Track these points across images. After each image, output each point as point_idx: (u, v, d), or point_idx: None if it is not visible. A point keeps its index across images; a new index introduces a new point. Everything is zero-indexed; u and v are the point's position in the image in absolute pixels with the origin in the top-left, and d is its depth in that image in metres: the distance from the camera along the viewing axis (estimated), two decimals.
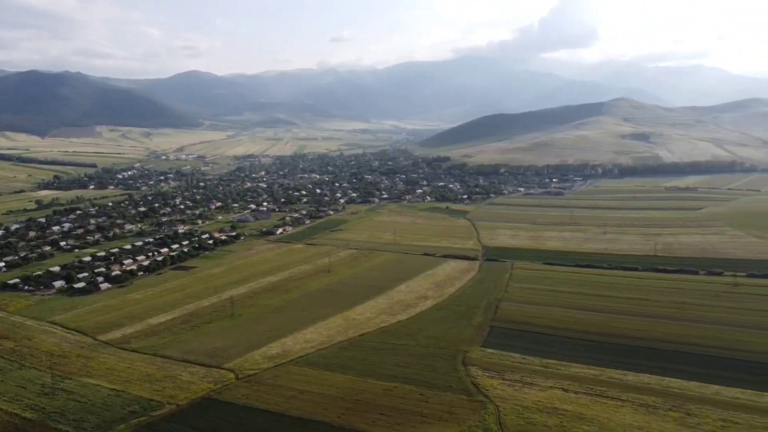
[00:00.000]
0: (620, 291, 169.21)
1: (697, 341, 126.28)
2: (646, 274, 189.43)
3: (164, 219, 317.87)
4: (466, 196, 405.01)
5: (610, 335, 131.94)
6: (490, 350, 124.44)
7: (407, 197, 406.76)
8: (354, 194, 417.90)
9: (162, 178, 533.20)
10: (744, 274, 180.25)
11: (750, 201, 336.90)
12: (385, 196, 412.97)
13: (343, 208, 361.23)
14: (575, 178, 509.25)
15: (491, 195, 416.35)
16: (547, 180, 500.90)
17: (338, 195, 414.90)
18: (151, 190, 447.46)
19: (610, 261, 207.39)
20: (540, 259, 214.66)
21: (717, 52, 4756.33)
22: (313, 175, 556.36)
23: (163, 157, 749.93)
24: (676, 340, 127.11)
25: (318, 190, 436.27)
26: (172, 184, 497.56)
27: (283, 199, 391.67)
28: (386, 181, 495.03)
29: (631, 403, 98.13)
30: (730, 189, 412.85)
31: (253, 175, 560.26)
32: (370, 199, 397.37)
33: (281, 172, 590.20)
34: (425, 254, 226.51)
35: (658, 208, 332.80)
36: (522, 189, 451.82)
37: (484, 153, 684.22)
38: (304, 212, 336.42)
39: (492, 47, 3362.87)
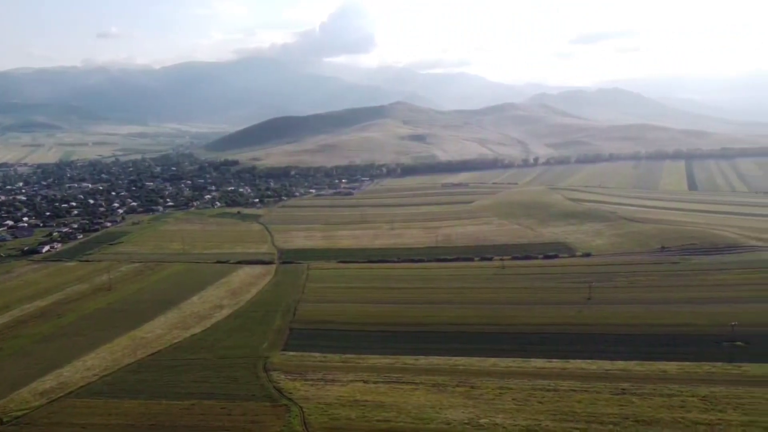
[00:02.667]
0: (409, 282, 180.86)
1: (475, 321, 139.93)
2: (430, 264, 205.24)
3: None
4: (257, 200, 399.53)
5: (403, 324, 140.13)
6: (291, 353, 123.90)
7: (195, 204, 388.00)
8: (134, 203, 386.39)
9: None
10: (509, 257, 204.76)
11: (510, 193, 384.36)
12: (170, 203, 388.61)
13: (123, 218, 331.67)
14: (363, 178, 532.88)
15: (283, 197, 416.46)
16: (337, 180, 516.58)
17: (116, 205, 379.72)
18: None
19: (399, 254, 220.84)
20: (334, 258, 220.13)
21: (477, 62, 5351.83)
22: (85, 184, 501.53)
23: None
24: (458, 322, 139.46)
25: (91, 201, 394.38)
26: None
27: (48, 213, 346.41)
28: (171, 188, 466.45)
29: (424, 384, 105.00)
30: (494, 183, 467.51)
31: (9, 187, 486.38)
32: (154, 207, 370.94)
33: (44, 183, 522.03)
34: (218, 262, 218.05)
35: (437, 203, 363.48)
36: (313, 190, 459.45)
37: (274, 155, 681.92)
38: (75, 226, 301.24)
39: (275, 50, 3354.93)
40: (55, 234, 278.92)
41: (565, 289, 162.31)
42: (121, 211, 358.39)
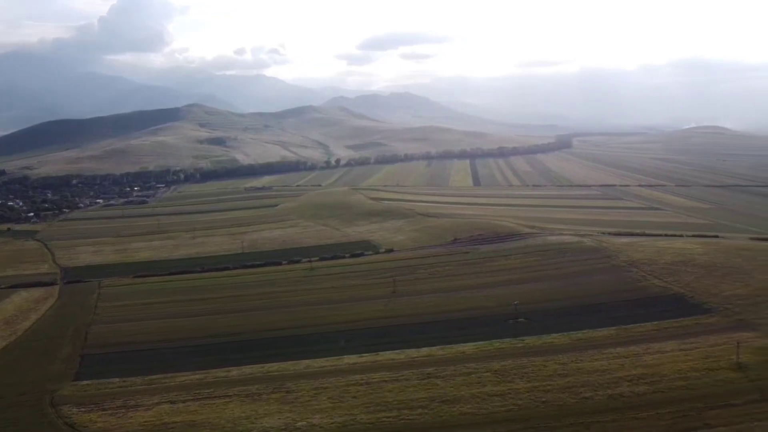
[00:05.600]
0: (216, 291, 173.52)
1: (287, 324, 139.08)
2: (238, 271, 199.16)
3: None
4: (32, 214, 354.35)
5: (212, 336, 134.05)
6: (84, 382, 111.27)
7: None
8: None
9: None
10: (317, 258, 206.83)
11: (315, 195, 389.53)
12: None
13: None
14: (158, 185, 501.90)
15: (65, 210, 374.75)
16: (128, 189, 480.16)
17: None
18: None
19: (203, 264, 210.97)
20: (130, 272, 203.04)
21: (274, 64, 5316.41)
22: None
23: None
24: (270, 328, 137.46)
25: None
26: None
27: None
28: None
29: (238, 396, 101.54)
30: (298, 186, 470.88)
31: None
32: None
33: None
34: None
35: (241, 207, 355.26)
36: (101, 200, 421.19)
37: (51, 163, 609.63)
38: None
39: (46, 45, 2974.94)
40: None
41: (372, 285, 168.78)
42: None
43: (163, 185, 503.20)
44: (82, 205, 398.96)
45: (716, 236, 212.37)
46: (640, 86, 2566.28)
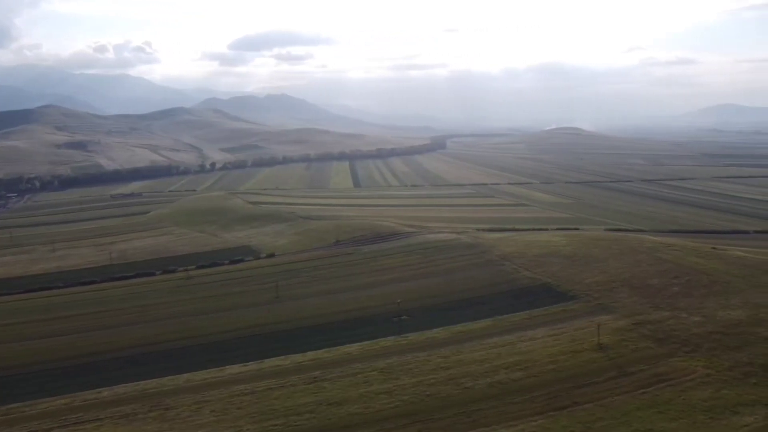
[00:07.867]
0: (81, 308, 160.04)
1: (162, 338, 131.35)
2: (105, 284, 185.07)
3: None
4: None
5: (78, 356, 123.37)
6: None
7: None
8: None
9: None
10: (194, 267, 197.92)
11: (189, 200, 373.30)
12: None
13: None
14: (9, 195, 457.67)
15: None
16: None
17: None
18: None
19: (65, 279, 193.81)
20: None
21: (140, 63, 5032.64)
22: None
23: None
24: (145, 343, 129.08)
25: None
26: None
27: None
28: None
29: (111, 418, 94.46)
30: (171, 191, 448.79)
31: None
32: None
33: None
34: None
35: (108, 216, 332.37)
36: None
37: None
38: None
39: None
40: None
41: (253, 292, 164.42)
42: None
43: (15, 194, 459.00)
44: None
45: (577, 228, 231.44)
46: (505, 89, 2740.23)
